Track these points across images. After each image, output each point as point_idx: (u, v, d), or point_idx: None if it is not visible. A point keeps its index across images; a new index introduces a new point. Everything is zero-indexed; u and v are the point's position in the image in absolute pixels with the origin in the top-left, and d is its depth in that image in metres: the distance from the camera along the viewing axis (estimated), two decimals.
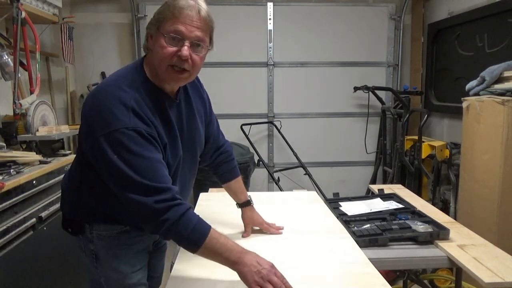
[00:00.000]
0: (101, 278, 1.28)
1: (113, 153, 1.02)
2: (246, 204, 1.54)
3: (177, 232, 1.05)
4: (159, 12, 1.09)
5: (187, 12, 1.06)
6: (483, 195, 2.27)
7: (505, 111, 2.12)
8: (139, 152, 1.03)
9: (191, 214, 1.08)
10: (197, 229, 1.07)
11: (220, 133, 1.55)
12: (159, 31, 1.08)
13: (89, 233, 1.24)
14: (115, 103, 1.04)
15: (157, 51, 1.09)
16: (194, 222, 1.07)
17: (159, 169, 1.07)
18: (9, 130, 2.27)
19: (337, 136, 4.08)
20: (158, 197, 1.03)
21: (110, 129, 1.02)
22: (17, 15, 2.24)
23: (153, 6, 3.75)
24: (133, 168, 1.02)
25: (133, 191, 1.03)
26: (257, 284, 1.04)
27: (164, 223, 1.04)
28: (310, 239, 1.47)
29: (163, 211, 1.03)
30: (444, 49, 3.65)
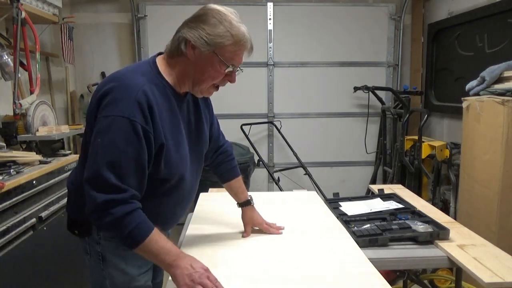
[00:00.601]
0: (107, 280, 1.26)
1: (100, 135, 1.05)
2: (246, 204, 1.54)
3: (118, 228, 1.06)
4: (219, 35, 1.11)
5: (246, 46, 1.16)
6: (483, 195, 2.27)
7: (505, 111, 2.12)
8: (121, 145, 1.04)
9: (137, 214, 1.08)
10: (138, 229, 1.06)
11: (220, 134, 1.58)
12: (215, 53, 1.12)
13: (96, 235, 1.23)
14: (126, 91, 1.06)
15: (208, 70, 1.15)
16: (137, 221, 1.07)
17: (130, 170, 1.07)
18: (9, 130, 2.27)
19: (337, 136, 4.08)
20: (112, 197, 1.04)
21: (110, 113, 1.05)
22: (17, 15, 2.24)
23: (153, 6, 3.76)
24: (107, 158, 1.04)
25: (94, 181, 1.04)
26: (188, 286, 1.07)
27: (107, 216, 1.04)
28: (310, 239, 1.47)
29: (107, 209, 1.04)
30: (444, 49, 3.65)
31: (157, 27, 3.74)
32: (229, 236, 1.50)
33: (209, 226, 1.61)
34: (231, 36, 1.12)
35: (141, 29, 3.78)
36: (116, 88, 1.07)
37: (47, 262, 1.96)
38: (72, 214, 1.27)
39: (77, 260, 2.16)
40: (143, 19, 3.77)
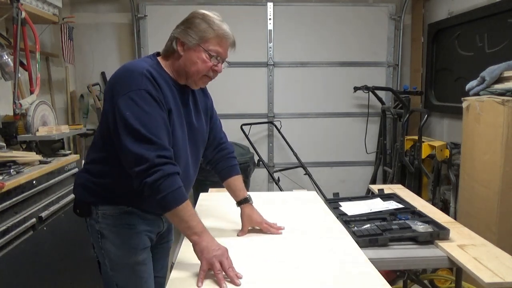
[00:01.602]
0: (105, 259, 1.34)
1: (127, 110, 1.17)
2: (244, 202, 1.55)
3: (161, 186, 1.15)
4: (202, 30, 1.28)
5: (228, 39, 1.32)
6: (483, 195, 2.27)
7: (505, 111, 2.12)
8: (148, 110, 1.19)
9: (179, 178, 1.20)
10: (179, 192, 1.18)
11: (222, 132, 1.62)
12: (200, 46, 1.28)
13: (95, 214, 1.33)
14: (133, 72, 1.22)
15: (196, 62, 1.29)
16: (179, 184, 1.19)
17: (163, 129, 1.21)
18: (9, 130, 2.27)
19: (337, 136, 4.08)
20: (160, 152, 1.16)
21: (125, 91, 1.19)
22: (17, 15, 2.24)
23: (153, 6, 3.76)
24: (141, 122, 1.17)
25: (140, 143, 1.16)
26: (208, 261, 1.17)
27: (155, 173, 1.15)
28: (310, 239, 1.47)
29: (159, 164, 1.15)
30: (444, 49, 3.65)
31: (157, 27, 3.74)
32: (229, 236, 1.50)
33: (209, 226, 1.60)
34: (213, 31, 1.29)
35: (141, 29, 3.78)
36: (124, 73, 1.23)
37: (47, 262, 1.96)
38: (77, 195, 1.37)
39: (77, 260, 2.16)
40: (143, 19, 3.77)
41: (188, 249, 1.37)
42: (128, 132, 1.17)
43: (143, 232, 1.35)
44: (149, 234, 1.38)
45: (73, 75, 3.77)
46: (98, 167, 1.32)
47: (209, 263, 1.16)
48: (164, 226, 1.46)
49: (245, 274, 1.20)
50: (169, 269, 1.33)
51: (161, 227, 1.44)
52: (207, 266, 1.17)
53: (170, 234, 1.58)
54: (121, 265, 1.34)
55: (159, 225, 1.42)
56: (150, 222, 1.37)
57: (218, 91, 3.80)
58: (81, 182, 1.36)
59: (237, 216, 1.57)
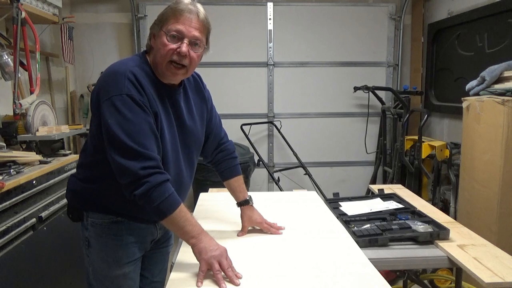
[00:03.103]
0: (90, 267, 1.32)
1: (110, 117, 1.13)
2: (245, 203, 1.54)
3: (151, 197, 1.12)
4: (162, 14, 1.23)
5: (187, 15, 1.19)
6: (483, 195, 2.27)
7: (505, 111, 2.12)
8: (130, 117, 1.13)
9: (169, 185, 1.16)
10: (170, 200, 1.15)
11: (223, 131, 1.59)
12: (161, 30, 1.20)
13: (86, 220, 1.31)
14: (116, 74, 1.16)
15: (159, 48, 1.20)
16: (169, 192, 1.15)
17: (148, 136, 1.16)
18: (9, 130, 2.27)
19: (337, 136, 4.08)
20: (144, 164, 1.12)
21: (109, 95, 1.14)
22: (17, 15, 2.24)
23: (153, 6, 3.76)
24: (125, 131, 1.12)
25: (123, 154, 1.12)
26: (206, 261, 1.15)
27: (142, 185, 1.12)
28: (310, 239, 1.47)
29: (145, 176, 1.12)
30: (444, 49, 3.65)
31: None
32: (229, 236, 1.49)
33: (209, 226, 1.61)
34: (171, 9, 1.21)
35: (141, 29, 3.78)
36: (108, 75, 1.18)
37: (47, 262, 1.96)
38: (69, 200, 1.35)
39: (77, 260, 2.16)
40: (143, 19, 3.77)
41: (188, 249, 1.37)
42: (111, 141, 1.13)
43: (131, 244, 1.32)
44: (139, 244, 1.34)
45: (73, 75, 3.77)
46: (88, 172, 1.29)
47: (207, 264, 1.15)
48: (159, 233, 1.42)
49: (245, 274, 1.20)
50: (169, 269, 1.33)
51: (155, 234, 1.40)
52: (206, 267, 1.15)
53: (170, 239, 1.55)
54: (103, 277, 1.31)
55: (152, 233, 1.39)
56: (141, 232, 1.34)
57: (218, 91, 3.83)
58: (72, 187, 1.34)
59: (237, 216, 1.57)
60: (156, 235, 1.41)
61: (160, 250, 1.50)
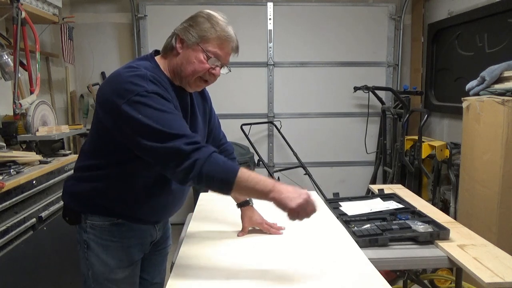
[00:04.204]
0: (89, 270, 1.30)
1: (138, 114, 1.09)
2: (245, 204, 1.55)
3: (209, 171, 1.08)
4: (204, 30, 1.21)
5: (230, 43, 1.24)
6: (483, 195, 2.27)
7: (505, 111, 2.12)
8: (161, 108, 1.11)
9: (218, 155, 1.12)
10: (227, 166, 1.10)
11: (221, 133, 1.60)
12: (199, 46, 1.21)
13: (84, 223, 1.28)
14: (133, 76, 1.13)
15: (193, 62, 1.21)
16: (223, 159, 1.11)
17: (183, 121, 1.15)
18: (9, 130, 2.27)
19: (337, 136, 4.08)
20: (187, 140, 1.09)
21: (131, 95, 1.10)
22: (17, 15, 2.24)
23: (153, 6, 3.76)
24: (159, 122, 1.09)
25: (164, 140, 1.08)
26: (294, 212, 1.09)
27: (195, 164, 1.07)
28: (310, 239, 1.47)
29: (192, 151, 1.08)
30: (444, 49, 3.65)
31: (157, 27, 3.74)
32: (229, 236, 1.49)
33: (209, 226, 1.61)
34: (215, 31, 1.21)
35: (141, 29, 3.78)
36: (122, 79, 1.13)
37: (47, 262, 1.96)
38: (66, 202, 1.32)
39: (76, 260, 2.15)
40: (143, 19, 3.77)
41: (188, 249, 1.37)
42: (147, 135, 1.09)
43: (132, 246, 1.30)
44: (139, 246, 1.33)
45: (73, 75, 3.77)
46: (88, 174, 1.27)
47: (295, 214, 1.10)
48: (158, 234, 1.41)
49: (246, 274, 1.20)
50: (169, 269, 1.33)
51: (154, 236, 1.39)
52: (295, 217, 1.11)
53: (168, 240, 1.54)
54: (104, 280, 1.29)
55: (152, 234, 1.37)
56: (142, 233, 1.33)
57: (218, 91, 3.81)
58: (70, 190, 1.32)
59: (237, 216, 1.57)
60: (156, 236, 1.40)
61: (159, 252, 1.50)
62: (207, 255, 1.33)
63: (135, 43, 3.81)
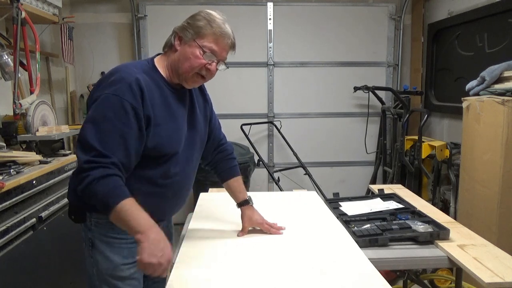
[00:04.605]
0: (94, 267, 1.31)
1: (93, 108, 1.17)
2: (244, 204, 1.55)
3: (94, 190, 1.11)
4: (200, 26, 1.25)
5: (225, 39, 1.28)
6: (483, 195, 2.27)
7: (505, 111, 2.12)
8: (110, 118, 1.15)
9: (113, 179, 1.13)
10: (114, 192, 1.11)
11: (221, 133, 1.61)
12: (195, 42, 1.25)
13: (89, 221, 1.30)
14: (119, 78, 1.19)
15: (190, 58, 1.25)
16: (114, 184, 1.12)
17: (114, 139, 1.15)
18: (9, 130, 2.27)
19: (337, 136, 4.08)
20: (92, 158, 1.12)
21: (103, 92, 1.18)
22: (17, 15, 2.24)
23: (153, 6, 3.76)
24: (94, 128, 1.14)
25: (81, 147, 1.15)
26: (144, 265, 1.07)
27: (85, 178, 1.11)
28: (310, 239, 1.47)
29: (87, 170, 1.12)
30: (444, 49, 3.65)
31: (157, 27, 3.74)
32: (229, 236, 1.50)
33: (209, 226, 1.61)
34: (211, 28, 1.25)
35: (141, 29, 3.78)
36: (113, 78, 1.20)
37: (47, 262, 1.96)
38: (71, 200, 1.34)
39: (77, 260, 2.15)
40: (143, 19, 3.77)
41: (188, 249, 1.38)
42: (84, 127, 1.17)
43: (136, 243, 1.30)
44: None
45: (73, 75, 3.77)
46: None
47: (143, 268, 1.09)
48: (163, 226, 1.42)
49: (246, 274, 1.20)
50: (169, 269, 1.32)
51: None
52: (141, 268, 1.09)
53: (170, 239, 1.54)
54: (108, 277, 1.29)
55: None
56: None
57: (218, 91, 3.83)
58: (75, 187, 1.30)
59: (237, 216, 1.57)
60: None
61: None
62: (207, 255, 1.33)
63: (135, 43, 3.81)
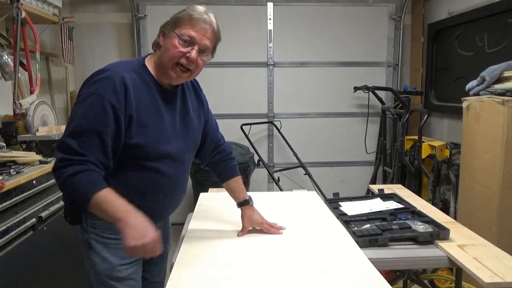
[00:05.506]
0: (91, 269, 1.31)
1: (75, 106, 1.19)
2: (245, 204, 1.55)
3: (70, 185, 1.12)
4: (177, 17, 1.23)
5: (203, 24, 1.22)
6: (483, 195, 2.27)
7: (505, 111, 2.12)
8: (88, 117, 1.15)
9: (89, 173, 1.13)
10: (88, 185, 1.11)
11: (219, 133, 1.60)
12: (174, 32, 1.22)
13: (85, 223, 1.29)
14: (104, 74, 1.19)
15: (168, 48, 1.22)
16: (89, 178, 1.12)
17: (92, 141, 1.15)
18: (9, 130, 2.27)
19: (337, 136, 4.08)
20: (66, 156, 1.13)
21: (87, 90, 1.18)
22: (17, 15, 2.24)
23: (153, 6, 3.76)
24: (74, 126, 1.15)
25: (60, 144, 1.16)
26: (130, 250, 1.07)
27: (62, 174, 1.12)
28: (310, 239, 1.47)
29: (61, 168, 1.13)
30: (444, 49, 3.65)
31: (157, 27, 3.64)
32: (229, 236, 1.50)
33: (209, 226, 1.61)
34: (188, 15, 1.22)
35: (141, 29, 3.78)
36: (99, 74, 1.20)
37: (47, 262, 1.96)
38: (66, 202, 1.33)
39: (77, 260, 2.16)
40: (143, 19, 3.77)
41: (188, 249, 1.38)
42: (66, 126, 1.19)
43: None
44: None
45: (73, 75, 3.77)
46: None
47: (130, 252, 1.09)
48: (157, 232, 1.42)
49: (246, 274, 1.20)
50: (168, 269, 1.33)
51: None
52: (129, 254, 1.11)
53: (168, 240, 1.55)
54: (106, 278, 1.29)
55: None
56: None
57: (218, 91, 3.84)
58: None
59: (237, 216, 1.57)
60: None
61: None
62: (207, 255, 1.33)
63: (135, 43, 3.81)
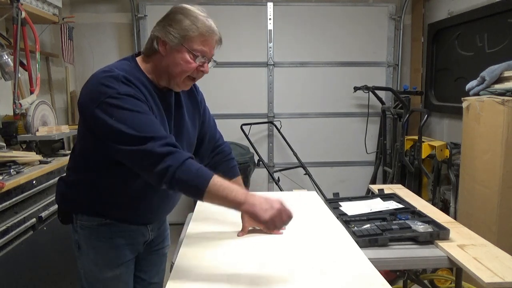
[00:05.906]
0: (81, 270, 1.32)
1: (110, 118, 1.08)
2: None
3: (180, 178, 1.08)
4: (185, 29, 1.17)
5: (213, 37, 1.21)
6: (483, 195, 2.27)
7: (505, 111, 2.12)
8: (133, 109, 1.10)
9: (192, 161, 1.11)
10: (200, 174, 1.09)
11: (218, 134, 1.58)
12: (183, 46, 1.18)
13: (75, 223, 1.29)
14: (105, 78, 1.12)
15: (180, 63, 1.19)
16: (196, 167, 1.10)
17: (156, 123, 1.14)
18: (9, 130, 2.27)
19: (337, 136, 4.08)
20: (159, 142, 1.08)
21: (102, 98, 1.09)
22: (17, 15, 2.24)
23: (153, 6, 3.76)
24: (131, 125, 1.08)
25: (136, 143, 1.08)
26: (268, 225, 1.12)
27: (167, 170, 1.07)
28: (310, 239, 1.47)
29: (165, 155, 1.07)
30: (444, 49, 3.65)
31: None
32: (229, 236, 1.49)
33: (209, 226, 1.61)
34: (197, 28, 1.17)
35: (141, 29, 3.78)
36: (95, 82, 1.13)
37: (47, 262, 1.96)
38: (58, 202, 1.35)
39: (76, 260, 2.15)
40: (143, 19, 3.77)
41: (187, 249, 1.37)
42: (120, 140, 1.08)
43: (122, 246, 1.30)
44: (130, 246, 1.32)
45: (73, 75, 3.77)
46: (75, 175, 1.28)
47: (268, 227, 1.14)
48: (151, 234, 1.40)
49: (245, 274, 1.20)
50: (168, 269, 1.32)
51: (147, 236, 1.38)
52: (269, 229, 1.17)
53: (165, 241, 1.54)
54: (95, 279, 1.30)
55: (144, 234, 1.37)
56: (132, 234, 1.32)
57: (218, 91, 3.84)
58: (60, 190, 1.33)
59: (237, 216, 1.56)
60: (148, 237, 1.40)
61: (156, 252, 1.49)
62: (207, 255, 1.32)
63: (135, 43, 3.81)
